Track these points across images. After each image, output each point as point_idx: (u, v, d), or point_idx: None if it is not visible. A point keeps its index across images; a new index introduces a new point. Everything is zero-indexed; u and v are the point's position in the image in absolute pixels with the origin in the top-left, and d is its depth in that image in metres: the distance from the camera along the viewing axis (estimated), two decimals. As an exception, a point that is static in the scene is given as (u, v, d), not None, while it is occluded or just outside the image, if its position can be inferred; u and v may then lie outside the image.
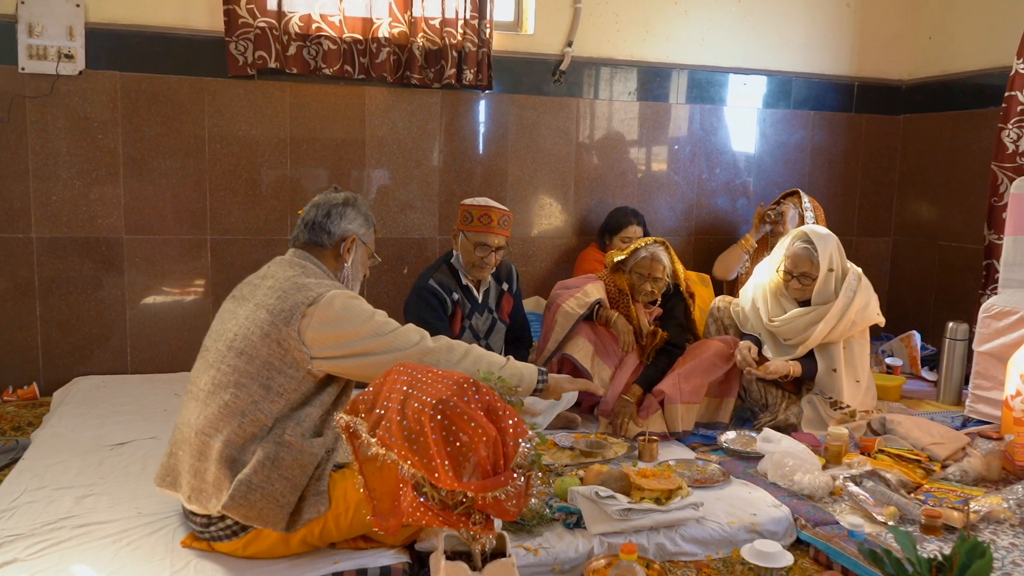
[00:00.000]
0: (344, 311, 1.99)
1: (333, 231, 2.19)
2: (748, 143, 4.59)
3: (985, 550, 1.70)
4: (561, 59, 4.15)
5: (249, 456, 1.95)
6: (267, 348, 1.97)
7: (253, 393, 1.97)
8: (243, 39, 3.59)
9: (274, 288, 2.04)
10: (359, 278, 2.29)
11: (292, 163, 3.83)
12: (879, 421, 3.14)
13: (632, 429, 3.05)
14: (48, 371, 3.62)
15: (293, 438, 1.96)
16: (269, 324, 1.98)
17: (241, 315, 2.05)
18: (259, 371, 1.97)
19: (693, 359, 3.20)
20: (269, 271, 2.15)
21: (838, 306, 3.11)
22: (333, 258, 2.20)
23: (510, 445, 1.66)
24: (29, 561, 1.97)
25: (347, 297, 2.03)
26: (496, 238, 3.13)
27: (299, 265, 2.13)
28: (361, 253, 2.27)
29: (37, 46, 3.43)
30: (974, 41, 4.37)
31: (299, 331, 1.96)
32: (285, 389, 1.98)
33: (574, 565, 2.11)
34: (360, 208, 2.26)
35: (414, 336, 2.06)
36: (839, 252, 3.20)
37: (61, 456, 2.64)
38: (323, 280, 2.09)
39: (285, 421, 1.98)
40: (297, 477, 1.96)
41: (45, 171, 3.53)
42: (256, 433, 1.97)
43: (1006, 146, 3.86)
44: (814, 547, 2.27)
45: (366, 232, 2.27)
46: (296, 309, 1.97)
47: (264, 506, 1.92)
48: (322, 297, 1.99)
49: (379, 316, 2.06)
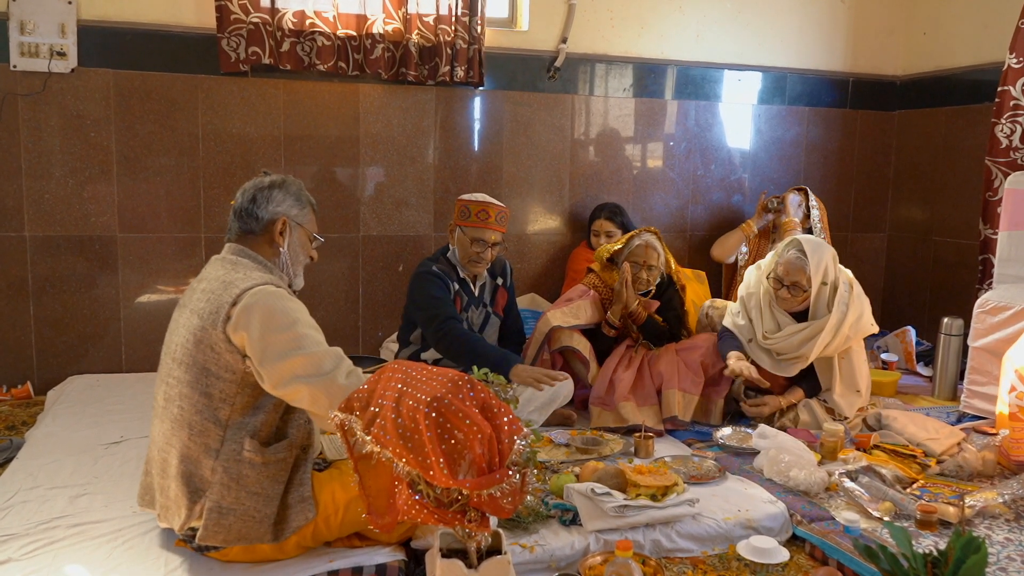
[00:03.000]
0: (266, 314, 1.85)
1: (261, 216, 2.05)
2: (743, 139, 4.59)
3: (980, 545, 1.70)
4: (556, 56, 4.14)
5: (207, 472, 1.89)
6: (202, 354, 1.88)
7: (196, 402, 1.89)
8: (236, 35, 3.58)
9: (205, 291, 1.94)
10: (301, 262, 2.15)
11: (286, 160, 3.82)
12: (874, 417, 3.14)
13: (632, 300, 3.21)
14: (42, 370, 3.61)
15: (251, 453, 1.88)
16: (200, 329, 1.88)
17: (180, 324, 1.97)
18: (197, 378, 1.89)
19: (690, 352, 3.22)
20: (205, 272, 2.05)
21: (832, 322, 3.03)
22: (267, 244, 2.07)
23: (505, 442, 1.65)
24: (23, 561, 1.96)
25: (270, 296, 1.88)
26: (493, 234, 3.13)
27: (230, 262, 2.02)
28: (298, 235, 2.11)
29: (29, 43, 3.41)
30: (968, 37, 4.38)
31: (226, 332, 1.85)
32: (227, 394, 1.89)
33: (570, 562, 2.11)
34: (289, 188, 2.10)
35: (327, 364, 1.85)
36: (834, 264, 3.12)
37: (55, 455, 2.63)
38: (251, 273, 1.96)
39: (238, 431, 1.90)
40: (268, 489, 1.90)
41: (38, 169, 3.51)
42: (208, 444, 1.89)
43: (999, 141, 3.87)
44: (810, 543, 2.27)
45: (299, 212, 2.11)
46: (221, 309, 1.86)
47: (242, 526, 1.89)
48: (244, 295, 1.86)
49: (300, 328, 1.87)
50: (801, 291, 3.09)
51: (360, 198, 3.96)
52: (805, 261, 3.05)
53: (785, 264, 3.10)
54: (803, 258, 3.06)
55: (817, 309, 3.12)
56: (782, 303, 3.16)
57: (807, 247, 3.08)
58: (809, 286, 3.07)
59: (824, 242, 3.22)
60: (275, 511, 1.92)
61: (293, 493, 1.95)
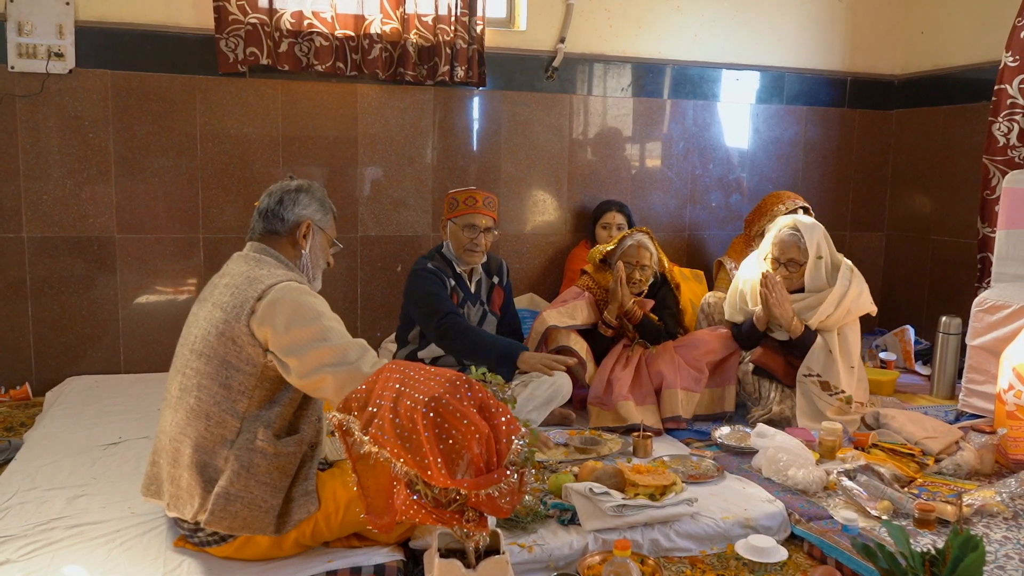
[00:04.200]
0: (291, 308, 1.91)
1: (287, 217, 2.11)
2: (741, 139, 4.59)
3: (978, 544, 1.71)
4: (554, 55, 4.14)
5: (220, 462, 1.93)
6: (223, 347, 1.93)
7: (215, 394, 1.93)
8: (234, 36, 3.58)
9: (229, 286, 1.99)
10: (320, 266, 2.21)
11: (285, 161, 3.82)
12: (873, 415, 3.15)
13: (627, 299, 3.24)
14: (40, 371, 3.60)
15: (264, 443, 1.92)
16: (223, 322, 1.93)
17: (201, 317, 2.02)
18: (217, 371, 1.93)
19: (691, 349, 3.22)
20: (227, 268, 2.10)
21: (836, 292, 3.16)
22: (290, 246, 2.13)
23: (503, 442, 1.65)
24: (22, 562, 1.96)
25: (295, 291, 1.94)
26: (483, 218, 3.14)
27: (254, 259, 2.07)
28: (320, 240, 2.18)
29: (27, 44, 3.41)
30: (965, 36, 4.38)
31: (250, 326, 1.90)
32: (246, 387, 1.93)
33: (568, 561, 2.11)
34: (314, 194, 2.18)
35: (352, 354, 1.92)
36: (827, 241, 3.25)
37: (53, 456, 2.63)
38: (275, 271, 2.02)
39: (254, 423, 1.94)
40: (277, 480, 1.94)
41: (36, 170, 3.51)
42: (225, 436, 1.93)
43: (997, 139, 3.87)
44: (808, 542, 2.28)
45: (322, 218, 2.18)
46: (246, 304, 1.91)
47: (247, 514, 1.91)
48: (270, 290, 1.92)
49: (325, 320, 1.94)
50: (798, 267, 3.23)
51: (358, 198, 3.95)
52: (799, 237, 3.21)
53: (780, 243, 3.24)
54: (797, 234, 3.21)
55: (814, 281, 3.22)
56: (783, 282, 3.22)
57: (799, 224, 3.23)
58: (804, 260, 3.20)
59: (815, 221, 3.32)
60: (280, 503, 1.95)
61: (298, 487, 1.98)
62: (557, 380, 3.06)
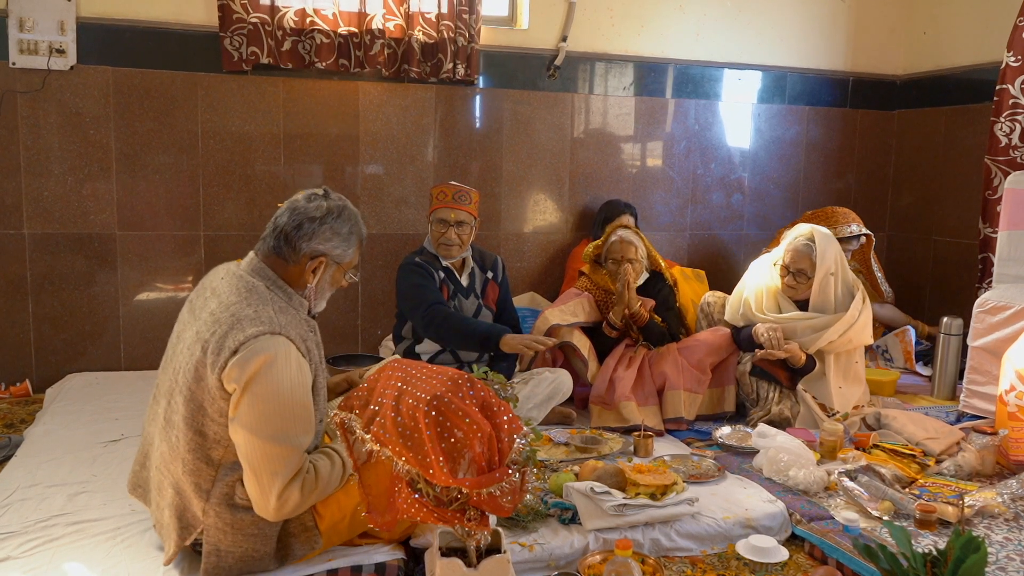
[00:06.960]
0: (256, 381, 1.74)
1: (300, 248, 1.90)
2: (743, 138, 4.59)
3: (980, 545, 1.70)
4: (555, 54, 4.13)
5: (198, 512, 1.84)
6: (200, 391, 1.79)
7: (190, 440, 1.81)
8: (237, 34, 3.57)
9: (214, 315, 1.82)
10: (326, 296, 2.02)
11: (286, 159, 3.81)
12: (874, 416, 3.14)
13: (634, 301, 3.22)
14: (41, 368, 3.60)
15: (244, 500, 1.83)
16: (201, 364, 1.78)
17: (188, 339, 1.87)
18: (194, 415, 1.80)
19: (692, 351, 3.22)
20: (219, 286, 1.92)
21: (846, 319, 3.15)
22: (297, 275, 1.94)
23: (505, 441, 1.65)
24: (22, 559, 1.96)
25: (268, 361, 1.74)
26: (452, 212, 3.14)
27: (246, 285, 1.87)
28: (332, 272, 1.99)
29: (28, 41, 3.41)
30: (967, 36, 4.38)
31: (220, 379, 1.76)
32: (220, 437, 1.81)
33: (569, 561, 2.11)
34: (339, 227, 1.95)
35: (280, 468, 1.76)
36: (842, 259, 3.24)
37: (54, 453, 2.63)
38: (263, 310, 1.81)
39: (231, 473, 1.83)
40: (265, 528, 1.86)
41: (37, 167, 3.50)
42: (199, 484, 1.83)
43: (999, 139, 3.87)
44: (809, 542, 2.27)
45: (343, 252, 1.97)
46: (221, 353, 1.75)
47: (243, 565, 1.87)
48: (244, 347, 1.74)
49: (284, 416, 1.77)
50: (806, 278, 3.20)
51: (359, 196, 3.95)
52: (812, 248, 3.18)
53: (793, 251, 3.22)
54: (811, 245, 3.19)
55: (821, 299, 3.18)
56: (788, 291, 3.24)
57: (817, 235, 3.21)
58: (813, 274, 3.17)
59: (833, 236, 3.30)
60: (274, 546, 1.89)
61: (294, 522, 1.91)
62: (558, 377, 3.07)
